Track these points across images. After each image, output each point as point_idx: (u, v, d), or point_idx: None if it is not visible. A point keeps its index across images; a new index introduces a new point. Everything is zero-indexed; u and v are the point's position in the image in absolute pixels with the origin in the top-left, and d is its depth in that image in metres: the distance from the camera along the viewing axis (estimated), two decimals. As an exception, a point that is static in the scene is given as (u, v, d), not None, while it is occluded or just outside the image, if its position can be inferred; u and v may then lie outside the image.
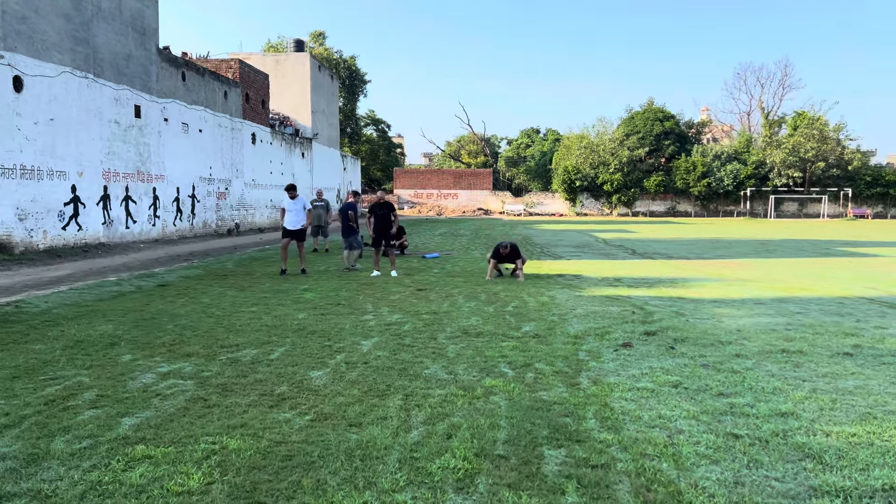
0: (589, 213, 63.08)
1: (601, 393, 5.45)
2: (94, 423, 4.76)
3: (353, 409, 5.06)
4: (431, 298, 10.66)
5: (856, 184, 58.79)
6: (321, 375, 6.03)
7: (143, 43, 22.66)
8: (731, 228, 38.68)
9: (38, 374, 6.02)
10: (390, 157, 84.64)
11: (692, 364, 6.40)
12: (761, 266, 16.47)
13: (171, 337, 7.62)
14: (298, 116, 43.68)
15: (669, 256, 19.31)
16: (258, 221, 33.47)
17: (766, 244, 25.20)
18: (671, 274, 14.43)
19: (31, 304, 9.75)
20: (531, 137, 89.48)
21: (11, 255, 16.24)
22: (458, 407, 5.08)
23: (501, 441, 4.36)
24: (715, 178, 59.42)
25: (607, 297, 10.84)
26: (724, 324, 8.51)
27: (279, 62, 43.69)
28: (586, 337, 7.69)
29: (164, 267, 15.32)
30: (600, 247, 23.12)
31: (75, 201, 19.03)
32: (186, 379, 5.91)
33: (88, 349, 7.01)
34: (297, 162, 40.38)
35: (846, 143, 60.17)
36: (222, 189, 29.25)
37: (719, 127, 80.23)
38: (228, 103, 29.82)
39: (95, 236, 20.07)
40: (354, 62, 71.28)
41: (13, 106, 16.51)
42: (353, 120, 73.78)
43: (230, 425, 4.70)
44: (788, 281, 13.21)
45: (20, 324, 8.30)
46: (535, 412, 4.95)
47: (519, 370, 6.19)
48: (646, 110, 64.86)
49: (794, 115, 62.70)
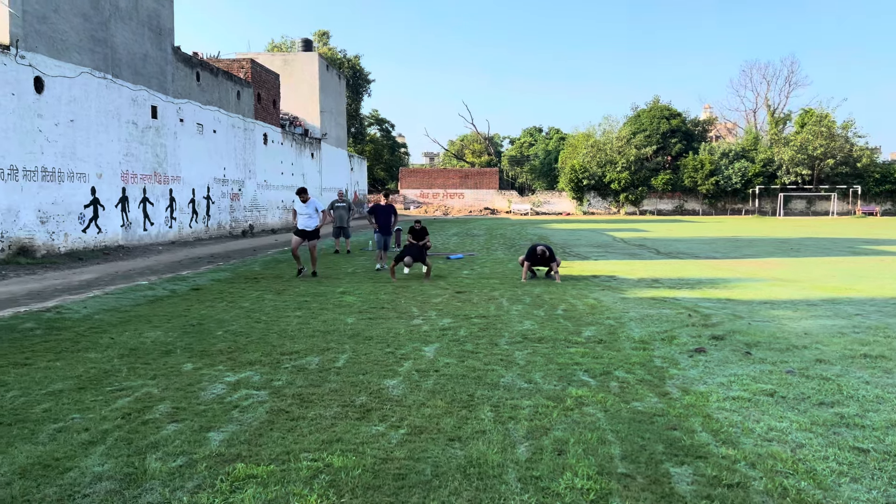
0: (596, 211, 62.88)
1: (697, 403, 5.24)
2: (181, 438, 4.55)
3: (444, 421, 4.85)
4: (475, 301, 10.45)
5: (864, 181, 58.58)
6: (396, 385, 5.82)
7: (159, 43, 22.43)
8: (743, 227, 38.48)
9: (104, 385, 5.81)
10: (394, 156, 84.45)
11: (776, 371, 6.19)
12: (793, 265, 16.26)
13: (226, 344, 7.41)
14: (307, 116, 43.46)
15: (696, 256, 19.10)
16: (270, 222, 33.25)
17: (786, 242, 24.99)
18: (708, 274, 14.21)
19: (71, 310, 9.53)
20: (534, 136, 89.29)
21: (34, 258, 16.02)
22: (554, 419, 4.86)
23: (618, 457, 4.15)
24: (723, 176, 59.22)
25: (654, 300, 10.63)
26: (787, 327, 8.30)
27: (287, 62, 43.46)
28: (653, 342, 7.48)
29: (189, 270, 15.10)
30: (621, 246, 22.91)
31: (95, 203, 18.81)
32: (258, 389, 5.69)
33: (145, 357, 6.80)
34: (307, 162, 40.16)
35: (854, 140, 59.97)
36: (236, 190, 29.03)
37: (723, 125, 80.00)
38: (241, 103, 29.60)
39: (114, 239, 19.85)
40: (358, 61, 71.08)
41: (34, 107, 16.29)
42: (357, 120, 73.58)
43: (324, 440, 4.49)
44: (829, 281, 12.99)
45: (67, 331, 8.09)
46: (638, 425, 4.74)
47: (599, 378, 5.98)
48: (652, 108, 64.63)
49: (801, 113, 62.51)
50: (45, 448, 4.35)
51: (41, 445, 4.41)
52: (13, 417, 4.96)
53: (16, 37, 15.68)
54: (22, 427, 4.74)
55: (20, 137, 15.77)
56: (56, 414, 5.04)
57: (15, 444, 4.43)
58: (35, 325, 8.37)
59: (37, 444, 4.43)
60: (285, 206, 35.68)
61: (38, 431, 4.67)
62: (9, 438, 4.53)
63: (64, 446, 4.38)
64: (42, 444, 4.44)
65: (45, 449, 4.34)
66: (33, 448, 4.35)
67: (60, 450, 4.33)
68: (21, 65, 15.83)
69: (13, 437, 4.54)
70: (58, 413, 5.06)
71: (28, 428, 4.73)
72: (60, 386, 5.77)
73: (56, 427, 4.76)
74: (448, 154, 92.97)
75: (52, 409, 5.14)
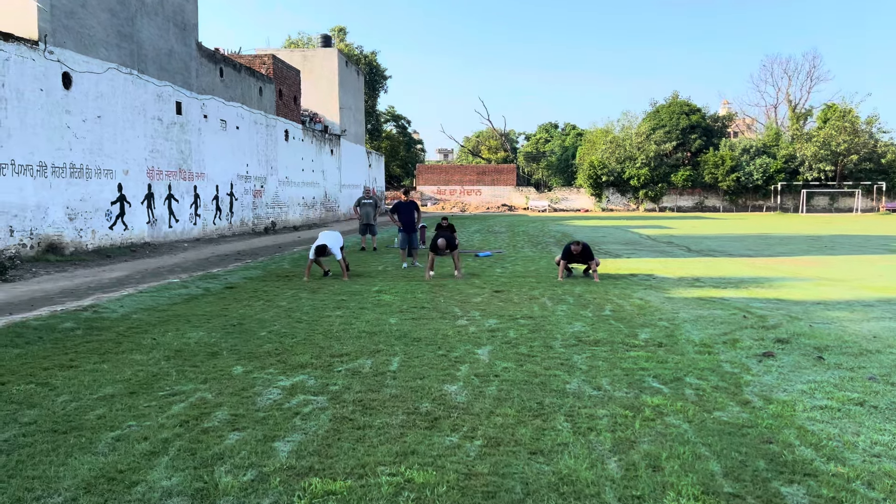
0: (615, 208, 62.33)
1: (784, 413, 4.94)
2: (246, 448, 4.31)
3: (520, 432, 4.58)
4: (516, 301, 10.18)
5: (889, 177, 57.64)
6: (458, 390, 5.57)
7: (184, 38, 22.30)
8: (767, 224, 37.89)
9: (155, 390, 5.59)
10: (410, 153, 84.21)
11: (857, 377, 5.87)
12: (834, 264, 15.84)
13: (273, 345, 7.18)
14: (326, 113, 43.30)
15: (729, 254, 18.70)
16: (291, 219, 33.11)
17: (818, 240, 24.49)
18: (748, 273, 13.85)
19: (107, 309, 9.36)
20: (549, 132, 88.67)
21: (62, 255, 15.92)
22: (637, 431, 4.59)
23: (720, 474, 3.86)
24: (744, 172, 58.45)
25: (702, 300, 10.31)
26: (851, 329, 7.96)
27: (307, 58, 43.31)
28: (715, 345, 7.18)
29: (219, 268, 14.93)
30: (650, 244, 22.53)
31: (121, 200, 18.71)
32: (316, 394, 5.46)
33: (192, 359, 6.59)
34: (327, 159, 40.00)
35: (879, 136, 59.04)
36: (258, 187, 28.91)
37: (741, 120, 78.97)
38: (263, 100, 29.45)
39: (141, 236, 19.74)
40: (375, 58, 70.87)
41: (62, 103, 16.17)
42: (374, 116, 73.39)
43: (398, 452, 4.24)
44: (876, 281, 12.60)
45: (107, 331, 7.90)
46: (729, 437, 4.45)
47: (672, 385, 5.69)
48: (671, 104, 63.89)
49: (823, 108, 61.59)
50: (106, 459, 4.13)
51: (102, 456, 4.19)
52: (67, 425, 4.75)
53: (44, 32, 15.56)
54: (79, 435, 4.53)
55: (48, 133, 15.66)
56: (111, 421, 4.83)
57: (74, 454, 4.22)
58: (75, 325, 8.20)
59: (97, 455, 4.21)
60: (306, 203, 35.54)
61: (95, 440, 4.45)
62: (67, 448, 4.31)
63: (126, 457, 4.16)
64: (102, 454, 4.22)
65: (106, 460, 4.12)
66: (94, 459, 4.13)
67: (123, 461, 4.10)
68: (49, 60, 15.71)
69: (71, 447, 4.33)
70: (113, 420, 4.85)
71: (85, 436, 4.52)
72: (111, 390, 5.57)
73: (114, 435, 4.55)
74: (464, 150, 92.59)
75: (106, 416, 4.93)
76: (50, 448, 4.31)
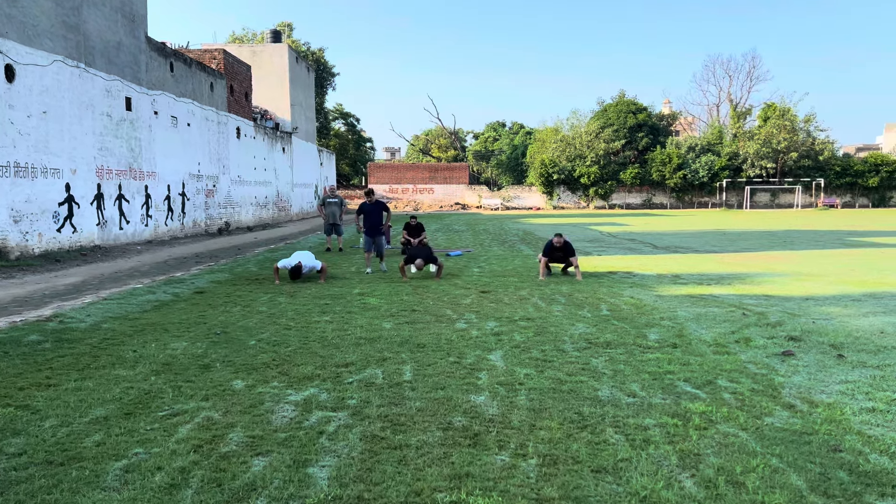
0: (566, 206, 62.85)
1: (835, 417, 4.75)
2: (278, 477, 3.85)
3: (572, 447, 4.25)
4: (507, 302, 9.87)
5: (826, 174, 59.78)
6: (487, 402, 5.20)
7: (133, 30, 21.21)
8: (717, 220, 38.66)
9: (153, 410, 5.05)
10: (360, 151, 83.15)
11: (888, 376, 5.76)
12: (800, 259, 16.08)
13: (268, 356, 6.67)
14: (277, 110, 42.22)
15: (695, 250, 18.84)
16: (245, 220, 32.08)
17: (774, 235, 25.02)
18: (724, 269, 13.89)
19: (73, 319, 8.63)
20: (497, 131, 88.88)
21: (8, 260, 14.85)
22: (696, 442, 4.31)
23: (806, 489, 3.61)
24: (690, 169, 59.71)
25: (692, 297, 10.20)
26: (853, 324, 7.92)
27: (256, 53, 42.12)
28: (728, 345, 7.01)
29: (181, 271, 14.16)
30: (613, 241, 22.58)
31: (70, 201, 17.63)
32: (334, 410, 5.01)
33: (184, 374, 6.04)
34: (279, 157, 39.00)
35: (816, 134, 61.15)
36: (210, 186, 27.85)
37: (684, 119, 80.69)
38: (214, 96, 28.40)
39: (90, 238, 18.66)
40: (323, 55, 69.71)
41: (5, 97, 15.09)
42: (322, 114, 72.12)
43: (450, 475, 3.85)
44: (851, 275, 12.77)
45: (79, 343, 7.23)
46: (794, 446, 4.22)
47: (706, 390, 5.45)
48: (618, 103, 64.78)
49: (763, 107, 63.43)
50: (120, 496, 3.61)
51: (114, 492, 3.67)
52: (63, 455, 4.19)
53: (-16, 21, 14.47)
54: (80, 467, 3.98)
55: (-9, 130, 14.58)
56: (113, 448, 4.29)
57: (82, 490, 3.68)
58: (41, 338, 7.48)
59: (108, 491, 3.69)
60: (259, 203, 34.54)
61: (101, 473, 3.92)
62: (70, 484, 3.77)
63: (143, 493, 3.65)
64: (114, 489, 3.70)
65: (121, 497, 3.60)
66: (107, 497, 3.61)
67: (141, 497, 3.60)
68: (-10, 51, 14.62)
69: (75, 482, 3.78)
70: (115, 447, 4.30)
71: (88, 468, 3.97)
72: (102, 412, 5.00)
73: (121, 466, 4.02)
74: (414, 149, 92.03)
75: (105, 443, 4.38)
76: (51, 484, 3.76)
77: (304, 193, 45.39)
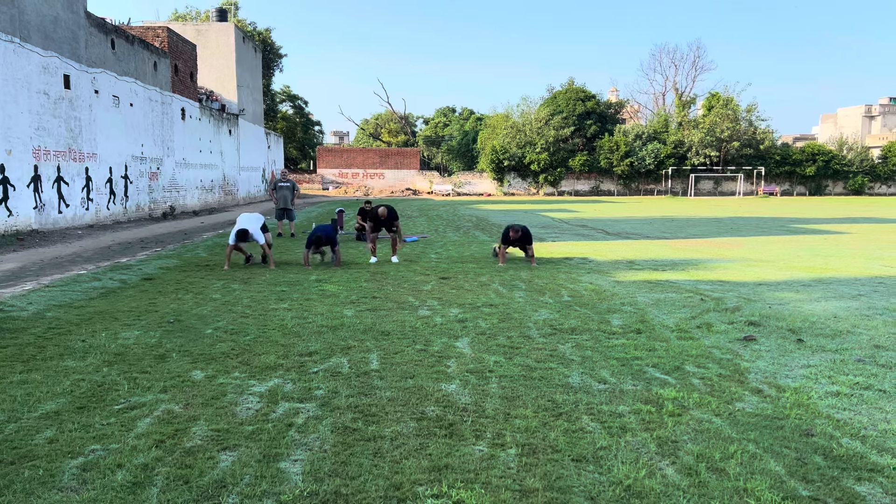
0: (517, 192, 63.21)
1: (802, 401, 4.82)
2: (249, 472, 3.68)
3: (550, 436, 4.19)
4: (468, 288, 9.79)
5: (766, 163, 61.64)
6: (458, 390, 5.11)
7: (71, 4, 20.20)
8: (664, 207, 39.44)
9: (108, 403, 4.79)
10: (308, 135, 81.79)
11: (847, 360, 5.90)
12: (748, 245, 16.47)
13: (227, 345, 6.43)
14: (223, 91, 41.08)
15: (646, 236, 19.13)
16: (190, 204, 31.14)
17: (721, 221, 25.64)
18: (677, 255, 14.12)
19: (14, 307, 8.17)
20: (447, 116, 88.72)
21: (-62, 245, 14.03)
22: (672, 429, 4.30)
23: (785, 474, 3.63)
24: (637, 157, 60.73)
25: (649, 283, 10.31)
26: (807, 309, 8.12)
27: (201, 32, 40.81)
28: (691, 330, 7.08)
29: (126, 257, 13.62)
30: (567, 227, 22.76)
31: (4, 183, 16.76)
32: (301, 401, 4.84)
33: (138, 364, 5.76)
34: (225, 139, 37.97)
35: (758, 123, 62.94)
36: (154, 169, 26.92)
37: (630, 107, 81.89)
38: (158, 75, 27.39)
39: (27, 222, 17.80)
40: (269, 35, 68.09)
41: (-67, 72, 14.18)
42: (269, 95, 70.55)
43: (429, 467, 3.74)
44: (797, 261, 13.12)
45: (22, 333, 6.84)
46: (768, 431, 4.25)
47: (675, 376, 5.47)
48: (567, 90, 65.34)
49: (707, 96, 64.91)
50: (80, 497, 3.39)
51: (73, 493, 3.44)
52: (13, 453, 3.92)
53: None
54: (33, 467, 3.73)
55: (-83, 106, 13.68)
56: (68, 445, 4.03)
57: (36, 491, 3.44)
58: (-20, 327, 7.05)
59: (66, 491, 3.46)
60: (204, 187, 33.60)
61: (56, 472, 3.67)
62: (24, 484, 3.52)
63: (104, 493, 3.43)
64: (72, 490, 3.47)
65: (80, 498, 3.38)
66: (65, 498, 3.38)
67: (102, 498, 3.38)
68: (-84, 22, 13.69)
69: (29, 482, 3.54)
70: (70, 444, 4.05)
71: (42, 467, 3.72)
72: (53, 406, 4.71)
73: (77, 464, 3.78)
74: (364, 133, 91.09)
75: (59, 439, 4.12)
76: (2, 485, 3.50)
77: (252, 177, 44.40)
